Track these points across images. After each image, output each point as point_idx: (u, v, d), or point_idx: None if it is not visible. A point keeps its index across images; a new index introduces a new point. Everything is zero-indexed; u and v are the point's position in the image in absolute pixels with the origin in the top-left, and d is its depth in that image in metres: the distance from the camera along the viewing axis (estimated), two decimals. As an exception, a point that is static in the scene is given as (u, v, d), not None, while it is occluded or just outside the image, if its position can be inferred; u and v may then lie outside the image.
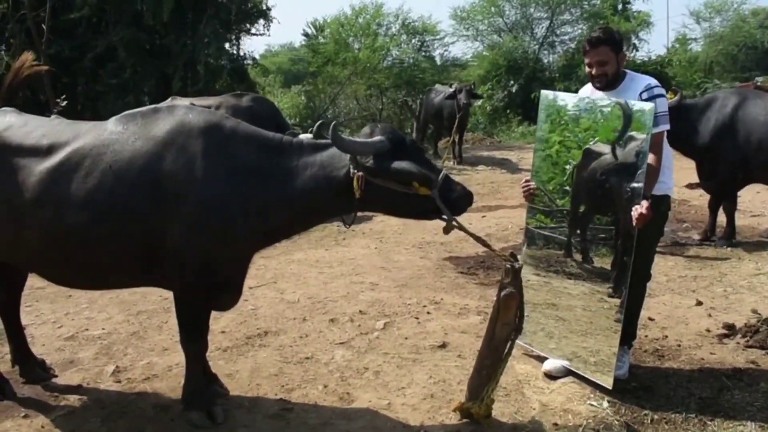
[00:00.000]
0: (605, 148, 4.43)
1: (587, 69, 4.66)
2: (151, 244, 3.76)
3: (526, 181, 4.79)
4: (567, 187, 4.67)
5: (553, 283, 4.76)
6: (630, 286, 4.35)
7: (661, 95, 4.47)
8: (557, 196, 4.74)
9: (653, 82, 4.50)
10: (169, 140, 3.77)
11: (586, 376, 4.53)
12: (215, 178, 3.72)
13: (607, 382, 4.38)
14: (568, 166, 4.64)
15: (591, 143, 4.50)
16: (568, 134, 4.65)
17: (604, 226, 4.53)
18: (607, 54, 4.52)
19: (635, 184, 4.17)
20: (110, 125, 3.94)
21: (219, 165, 3.75)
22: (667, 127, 4.45)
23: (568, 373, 4.66)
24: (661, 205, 4.48)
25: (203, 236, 3.73)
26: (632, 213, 4.09)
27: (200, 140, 3.76)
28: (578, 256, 4.66)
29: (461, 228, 3.90)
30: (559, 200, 4.73)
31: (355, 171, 3.73)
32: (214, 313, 4.31)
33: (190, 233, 3.71)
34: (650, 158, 4.22)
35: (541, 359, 4.84)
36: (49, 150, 3.89)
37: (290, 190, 3.82)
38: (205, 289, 3.93)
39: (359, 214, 4.05)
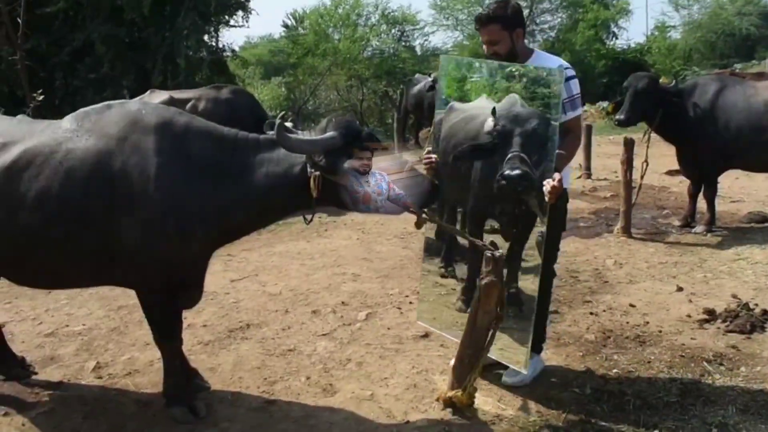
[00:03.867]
0: (478, 110, 4.19)
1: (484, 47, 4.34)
2: (107, 245, 3.63)
3: (428, 151, 4.39)
4: None
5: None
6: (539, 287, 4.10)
7: (574, 77, 4.17)
8: None
9: (565, 63, 4.18)
10: (121, 137, 3.63)
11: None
12: (170, 177, 3.59)
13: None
14: None
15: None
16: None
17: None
18: (498, 32, 4.15)
19: (509, 172, 3.82)
20: (65, 123, 3.81)
21: (174, 163, 3.62)
22: (581, 111, 4.24)
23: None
24: (559, 200, 4.02)
25: (159, 238, 3.62)
26: (544, 187, 3.79)
27: (154, 137, 3.62)
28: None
29: (433, 220, 3.83)
30: None
31: (312, 170, 3.60)
32: (195, 307, 4.27)
33: (146, 235, 3.60)
34: (571, 138, 4.09)
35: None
36: (2, 148, 3.74)
37: (247, 189, 3.69)
38: (167, 289, 3.85)
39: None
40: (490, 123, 4.01)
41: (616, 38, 29.90)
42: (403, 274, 6.86)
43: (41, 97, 11.33)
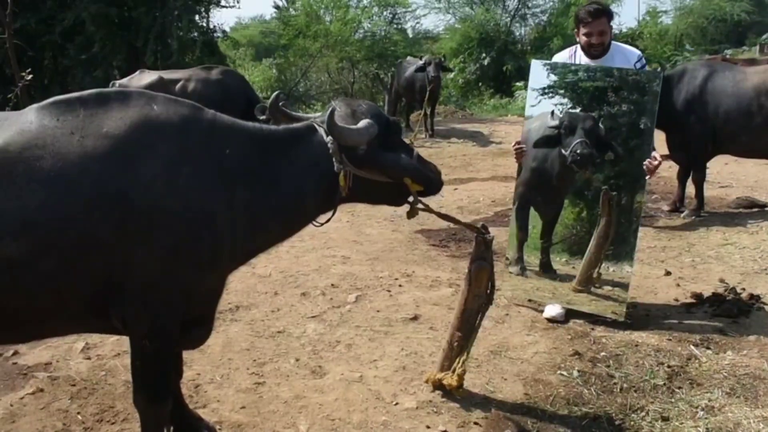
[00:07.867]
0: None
1: (584, 39, 4.95)
2: (111, 279, 2.84)
3: (518, 142, 5.04)
4: None
5: None
6: None
7: (645, 66, 5.07)
8: None
9: (639, 52, 5.02)
10: (133, 139, 2.82)
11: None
12: (201, 188, 2.92)
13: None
14: None
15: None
16: None
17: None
18: (606, 25, 4.92)
19: (580, 150, 4.82)
20: (34, 117, 2.81)
21: (203, 170, 2.94)
22: None
23: (567, 317, 5.17)
24: None
25: (186, 263, 2.93)
26: (645, 165, 4.66)
27: (176, 139, 2.92)
28: None
29: (428, 210, 3.63)
30: None
31: (341, 165, 3.20)
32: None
33: (171, 261, 2.88)
34: None
35: (516, 328, 4.88)
36: None
37: (283, 195, 3.19)
38: (179, 329, 3.11)
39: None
40: (551, 121, 4.90)
41: (608, 23, 29.83)
42: (393, 256, 6.87)
43: (30, 77, 11.24)
